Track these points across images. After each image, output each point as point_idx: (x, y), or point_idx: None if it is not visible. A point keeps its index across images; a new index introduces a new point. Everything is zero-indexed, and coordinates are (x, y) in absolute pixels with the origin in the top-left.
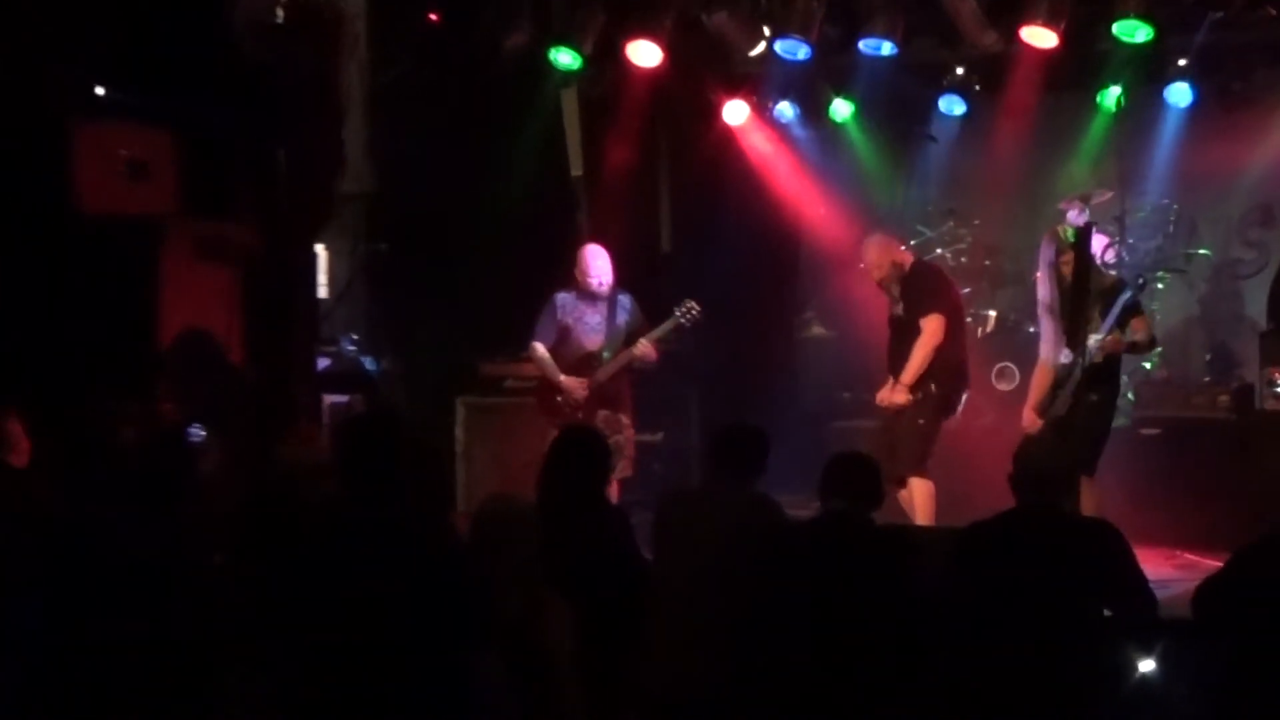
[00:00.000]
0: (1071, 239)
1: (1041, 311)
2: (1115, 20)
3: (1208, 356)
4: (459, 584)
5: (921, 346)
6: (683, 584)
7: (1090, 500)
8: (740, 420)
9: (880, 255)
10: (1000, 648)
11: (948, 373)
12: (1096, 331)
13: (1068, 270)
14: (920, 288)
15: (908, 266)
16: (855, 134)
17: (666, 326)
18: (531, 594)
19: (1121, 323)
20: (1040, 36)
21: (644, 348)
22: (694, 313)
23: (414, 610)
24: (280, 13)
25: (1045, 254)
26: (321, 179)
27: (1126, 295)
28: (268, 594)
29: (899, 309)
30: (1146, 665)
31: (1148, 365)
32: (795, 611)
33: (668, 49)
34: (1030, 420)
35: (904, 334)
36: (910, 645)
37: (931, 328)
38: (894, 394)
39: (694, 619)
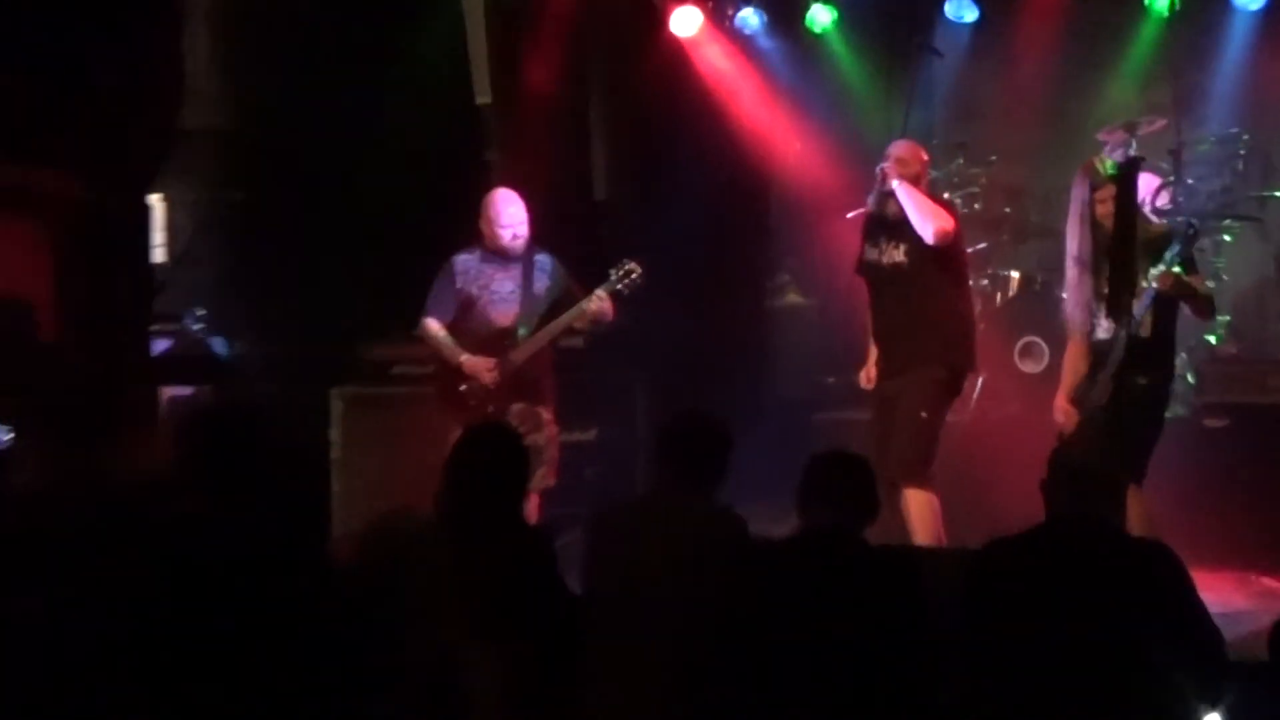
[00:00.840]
0: (1111, 172)
1: (1070, 265)
2: None
3: None
4: (347, 621)
5: (933, 209)
6: (623, 620)
7: (1138, 512)
8: (694, 411)
9: (914, 152)
10: (1026, 698)
11: (955, 346)
12: (1138, 298)
13: (1104, 212)
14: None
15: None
16: (838, 48)
17: (601, 294)
18: (445, 632)
19: None
20: None
21: (599, 302)
22: (635, 277)
23: (292, 654)
24: None
25: (1078, 193)
26: (157, 110)
27: (1175, 249)
28: (104, 642)
29: (890, 252)
30: None
31: (1212, 339)
32: (769, 653)
33: None
34: (1064, 411)
35: (895, 286)
36: (913, 693)
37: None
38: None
39: (638, 662)
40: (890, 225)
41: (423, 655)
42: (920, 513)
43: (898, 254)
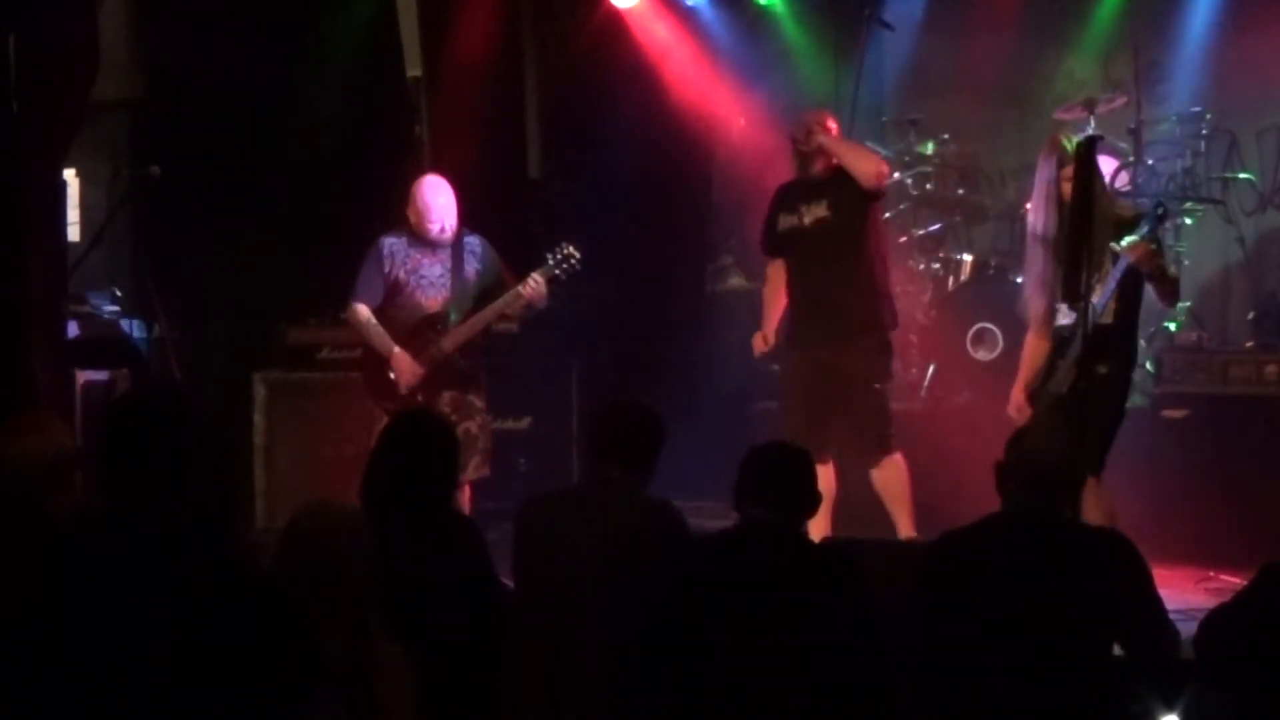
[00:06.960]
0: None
1: (1032, 242)
2: None
3: (1251, 314)
4: (269, 621)
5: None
6: (552, 617)
7: (1096, 505)
8: (624, 400)
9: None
10: (979, 697)
11: (886, 305)
12: (1103, 281)
13: (1071, 191)
14: None
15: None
16: (784, 19)
17: (537, 278)
18: (363, 631)
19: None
20: None
21: (534, 286)
22: (574, 261)
23: (208, 657)
24: None
25: (1043, 171)
26: (69, 79)
27: (1145, 229)
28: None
29: (814, 210)
30: None
31: (1172, 326)
32: (705, 651)
33: None
34: (1019, 407)
35: (821, 244)
36: (859, 694)
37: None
38: None
39: (567, 662)
40: (810, 186)
41: (347, 655)
42: (900, 478)
43: (821, 209)
